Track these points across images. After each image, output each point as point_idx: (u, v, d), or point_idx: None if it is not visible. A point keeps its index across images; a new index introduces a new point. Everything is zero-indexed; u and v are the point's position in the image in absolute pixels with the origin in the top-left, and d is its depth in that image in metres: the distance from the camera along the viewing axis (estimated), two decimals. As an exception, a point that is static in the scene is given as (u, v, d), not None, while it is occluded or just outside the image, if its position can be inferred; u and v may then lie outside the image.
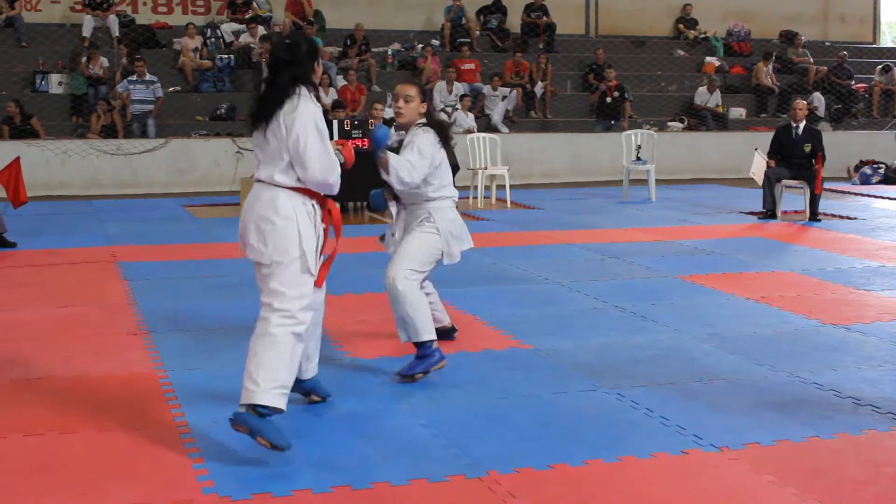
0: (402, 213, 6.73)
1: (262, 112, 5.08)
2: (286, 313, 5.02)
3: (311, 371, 5.72)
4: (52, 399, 5.92)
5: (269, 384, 4.92)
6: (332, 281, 6.35)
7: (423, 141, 6.42)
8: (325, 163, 5.05)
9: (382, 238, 6.92)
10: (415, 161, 6.32)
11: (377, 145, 6.20)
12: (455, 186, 6.83)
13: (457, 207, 6.82)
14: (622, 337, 7.37)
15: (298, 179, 5.08)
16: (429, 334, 6.35)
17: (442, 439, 5.21)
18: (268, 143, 5.10)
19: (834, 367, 6.60)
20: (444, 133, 6.57)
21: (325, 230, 5.33)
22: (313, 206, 5.17)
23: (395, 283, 6.31)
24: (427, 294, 6.71)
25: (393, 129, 7.11)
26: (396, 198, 6.71)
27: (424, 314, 6.38)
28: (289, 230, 5.04)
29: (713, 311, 8.21)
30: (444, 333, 7.07)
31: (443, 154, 6.55)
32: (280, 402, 4.97)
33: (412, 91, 6.53)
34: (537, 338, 7.28)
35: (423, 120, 6.56)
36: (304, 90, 5.10)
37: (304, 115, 5.02)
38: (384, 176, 6.33)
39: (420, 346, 6.35)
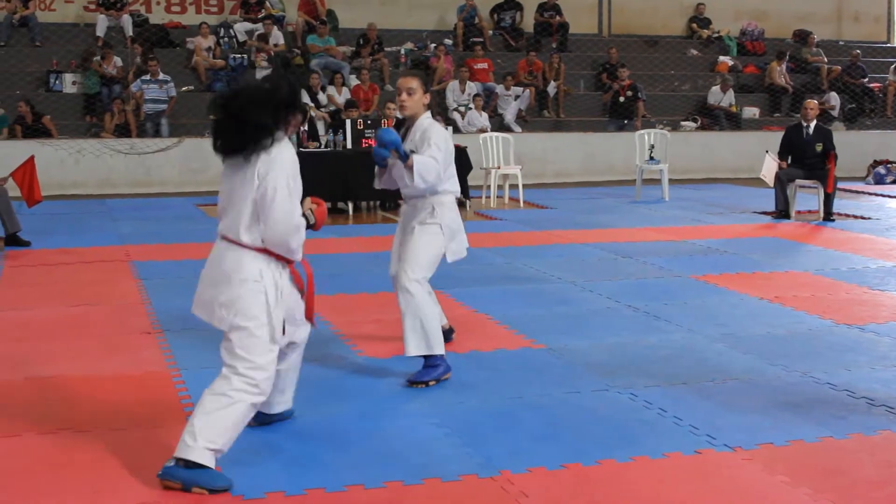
0: (402, 207, 6.62)
1: (241, 147, 4.75)
2: (251, 381, 4.72)
3: (282, 405, 5.42)
4: (65, 397, 5.94)
5: (209, 444, 4.59)
6: (345, 280, 6.37)
7: (438, 135, 6.36)
8: (288, 224, 4.70)
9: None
10: (437, 157, 6.26)
11: (396, 147, 6.16)
12: (467, 187, 6.81)
13: (465, 206, 6.77)
14: (635, 336, 7.36)
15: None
16: (440, 348, 6.22)
17: (455, 439, 5.21)
18: (234, 186, 4.87)
19: (848, 367, 6.58)
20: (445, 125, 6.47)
21: (304, 291, 5.11)
22: (280, 268, 4.85)
23: (408, 290, 6.22)
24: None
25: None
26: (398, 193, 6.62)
27: (437, 324, 6.29)
28: (256, 295, 4.75)
29: (726, 311, 8.19)
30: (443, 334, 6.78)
31: (452, 148, 6.49)
32: (211, 462, 4.60)
33: (414, 83, 6.44)
34: (550, 337, 7.28)
35: (429, 112, 6.50)
36: (281, 134, 4.76)
37: (278, 168, 4.69)
38: (405, 181, 6.28)
39: (430, 356, 6.24)
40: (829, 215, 13.68)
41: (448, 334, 6.97)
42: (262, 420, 5.32)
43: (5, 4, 20.35)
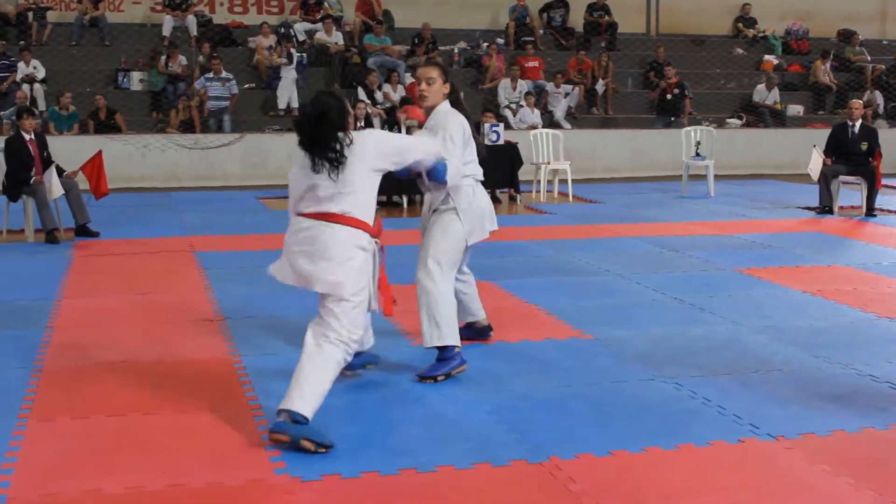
0: (426, 195, 6.45)
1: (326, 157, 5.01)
2: (349, 346, 5.05)
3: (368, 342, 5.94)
4: (133, 382, 6.00)
5: (313, 401, 4.90)
6: (399, 271, 6.39)
7: (452, 126, 6.14)
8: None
9: None
10: (451, 151, 6.04)
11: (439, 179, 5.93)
12: (517, 181, 6.79)
13: (516, 200, 6.72)
14: (680, 328, 7.33)
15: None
16: (454, 339, 6.05)
17: (505, 425, 5.22)
18: (324, 183, 5.05)
19: (889, 359, 6.51)
20: (466, 113, 6.32)
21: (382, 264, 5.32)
22: (375, 242, 5.17)
23: (424, 283, 6.07)
24: (465, 288, 6.59)
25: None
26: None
27: (453, 317, 6.09)
28: (364, 266, 5.05)
29: (770, 304, 8.13)
30: (479, 332, 6.86)
31: (469, 132, 6.28)
32: (311, 414, 4.88)
33: (434, 73, 6.26)
34: (597, 328, 7.26)
35: (447, 102, 6.29)
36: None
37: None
38: (425, 183, 6.12)
39: (443, 349, 6.06)
40: (871, 211, 13.53)
41: (485, 331, 6.89)
42: (357, 363, 5.84)
43: (77, 6, 20.59)
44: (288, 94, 19.31)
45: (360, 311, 5.06)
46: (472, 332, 6.82)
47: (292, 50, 19.62)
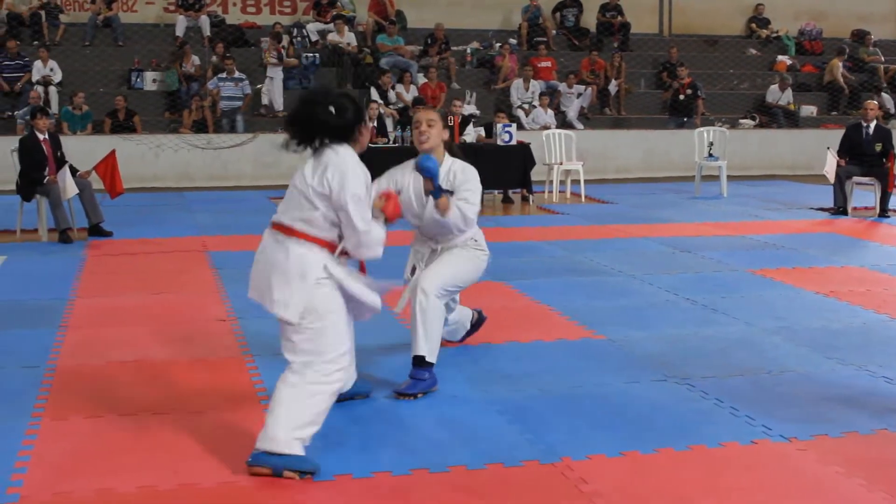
0: (429, 244, 6.21)
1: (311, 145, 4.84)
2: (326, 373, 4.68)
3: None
4: (145, 381, 6.02)
5: (295, 435, 4.56)
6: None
7: (475, 181, 6.01)
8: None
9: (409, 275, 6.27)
10: (466, 210, 5.93)
11: (429, 175, 5.80)
12: (530, 182, 6.80)
13: (528, 200, 6.78)
14: (693, 328, 7.31)
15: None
16: (433, 357, 5.87)
17: (517, 426, 5.21)
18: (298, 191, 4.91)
19: (903, 361, 6.49)
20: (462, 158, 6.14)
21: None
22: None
23: (427, 298, 5.85)
24: (452, 307, 6.42)
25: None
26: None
27: (438, 334, 5.95)
28: (328, 289, 4.70)
29: (783, 305, 8.10)
30: (477, 324, 6.85)
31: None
32: (298, 451, 4.57)
33: (434, 116, 6.04)
34: (610, 328, 7.25)
35: (448, 151, 6.10)
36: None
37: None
38: (438, 217, 5.92)
39: (422, 366, 5.85)
40: (885, 212, 13.48)
41: (477, 325, 6.85)
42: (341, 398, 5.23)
43: (90, 6, 20.65)
44: (270, 95, 19.31)
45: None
46: (475, 327, 6.85)
47: (282, 50, 19.59)
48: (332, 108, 4.73)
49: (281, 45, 19.83)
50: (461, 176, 6.00)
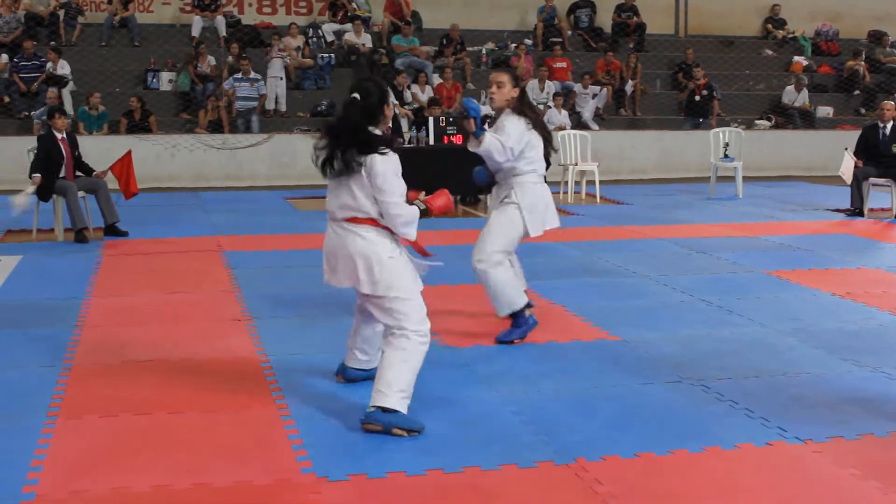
0: (493, 189, 7.08)
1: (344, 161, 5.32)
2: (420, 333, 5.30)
3: (375, 362, 5.73)
4: (160, 380, 6.03)
5: (401, 393, 5.14)
6: (428, 272, 6.37)
7: (511, 123, 6.68)
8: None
9: None
10: (504, 141, 6.61)
11: (473, 114, 6.54)
12: (545, 175, 7.04)
13: (545, 181, 7.01)
14: (708, 330, 7.29)
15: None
16: (518, 304, 6.79)
17: (532, 426, 5.21)
18: (346, 189, 5.41)
19: (919, 363, 6.46)
20: (533, 116, 6.83)
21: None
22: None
23: (477, 266, 6.79)
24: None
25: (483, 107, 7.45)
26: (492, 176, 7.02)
27: (511, 288, 6.79)
28: (400, 264, 5.35)
29: (798, 307, 8.08)
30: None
31: (532, 134, 6.77)
32: (404, 408, 5.14)
33: (503, 77, 6.80)
34: (625, 329, 7.24)
35: (510, 109, 6.77)
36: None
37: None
38: (477, 149, 6.70)
39: (513, 315, 6.79)
40: (901, 213, 13.46)
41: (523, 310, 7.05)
42: (352, 377, 5.92)
43: (107, 6, 20.71)
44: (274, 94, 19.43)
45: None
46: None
47: (291, 51, 19.65)
48: (356, 95, 5.33)
49: (296, 46, 19.91)
50: (500, 125, 6.73)
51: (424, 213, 5.50)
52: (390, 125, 14.90)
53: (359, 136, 5.27)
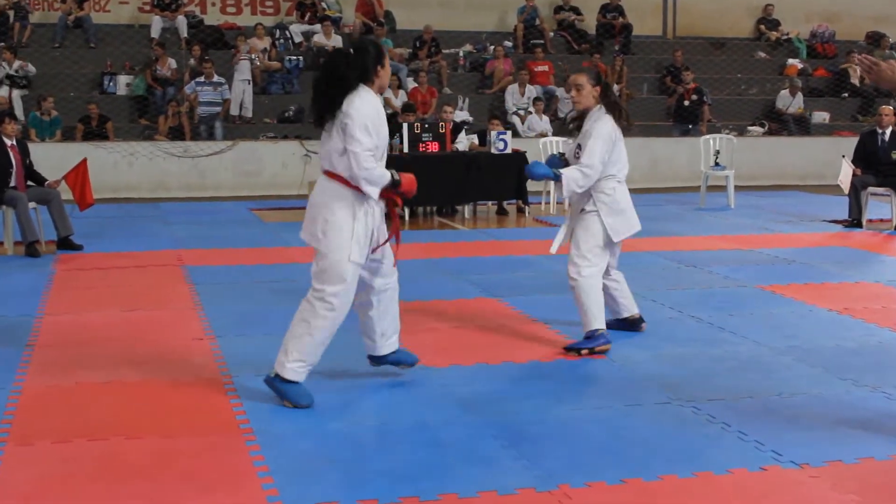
0: (573, 198, 7.41)
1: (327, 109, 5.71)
2: (329, 305, 5.79)
3: (389, 347, 6.31)
4: (117, 404, 6.00)
5: (299, 361, 5.81)
6: (402, 288, 6.39)
7: (599, 129, 7.03)
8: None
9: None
10: (587, 165, 7.01)
11: (548, 177, 7.24)
12: (526, 193, 7.14)
13: (524, 212, 7.18)
14: (699, 348, 7.31)
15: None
16: (599, 323, 7.11)
17: (512, 451, 5.20)
18: (330, 138, 5.74)
19: (921, 382, 6.50)
20: (619, 111, 7.21)
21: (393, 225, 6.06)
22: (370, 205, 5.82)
23: (569, 276, 7.19)
24: (615, 285, 7.57)
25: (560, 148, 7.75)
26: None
27: (595, 303, 7.12)
28: (344, 224, 5.72)
29: (794, 323, 8.11)
30: (632, 325, 7.68)
31: (618, 132, 7.16)
32: (300, 377, 5.82)
33: (581, 79, 7.19)
34: (611, 348, 7.24)
35: (601, 105, 7.16)
36: (365, 88, 5.74)
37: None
38: (564, 195, 7.29)
39: (591, 331, 7.10)
40: (902, 224, 13.53)
41: (638, 323, 7.73)
42: (387, 362, 6.35)
43: (60, 6, 20.66)
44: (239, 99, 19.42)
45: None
46: (626, 324, 7.68)
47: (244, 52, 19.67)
48: (350, 50, 5.76)
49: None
50: (588, 131, 7.09)
51: (394, 185, 5.85)
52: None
53: (343, 85, 5.65)
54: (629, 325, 7.69)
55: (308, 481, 4.76)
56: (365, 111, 5.65)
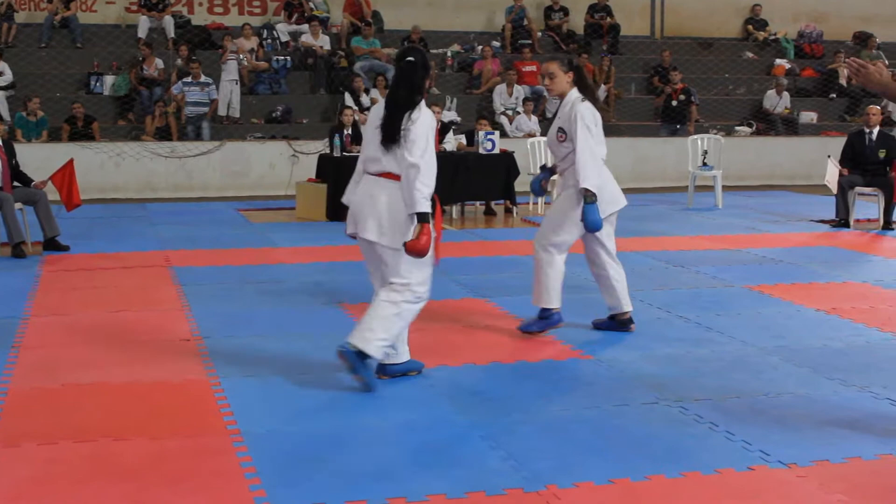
0: (557, 178, 7.73)
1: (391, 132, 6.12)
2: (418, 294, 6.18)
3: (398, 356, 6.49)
4: (104, 405, 5.99)
5: (382, 341, 6.07)
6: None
7: (584, 112, 7.21)
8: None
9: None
10: (589, 147, 7.24)
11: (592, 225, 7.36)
12: (514, 193, 7.23)
13: (512, 212, 7.26)
14: (686, 348, 7.32)
15: None
16: (549, 303, 7.45)
17: (500, 451, 5.20)
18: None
19: (908, 381, 6.52)
20: (593, 97, 7.41)
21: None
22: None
23: (534, 251, 7.51)
24: (615, 274, 7.70)
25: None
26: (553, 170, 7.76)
27: (552, 283, 7.43)
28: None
29: (781, 323, 8.13)
30: (621, 324, 7.75)
31: (599, 116, 7.37)
32: (379, 354, 6.12)
33: (552, 67, 7.38)
34: (598, 348, 7.26)
35: (575, 89, 7.34)
36: (423, 102, 6.23)
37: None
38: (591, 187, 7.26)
39: (544, 310, 7.45)
40: (889, 224, 13.55)
41: (627, 324, 7.77)
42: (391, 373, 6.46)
43: (47, 6, 20.61)
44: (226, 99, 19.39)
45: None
46: (616, 324, 7.78)
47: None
48: (411, 59, 6.26)
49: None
50: (570, 111, 7.28)
51: (429, 217, 6.01)
52: (349, 132, 14.88)
53: (414, 96, 6.18)
54: (619, 325, 7.75)
55: (295, 482, 4.76)
56: (426, 119, 6.22)
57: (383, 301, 6.09)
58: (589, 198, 7.19)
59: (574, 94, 7.34)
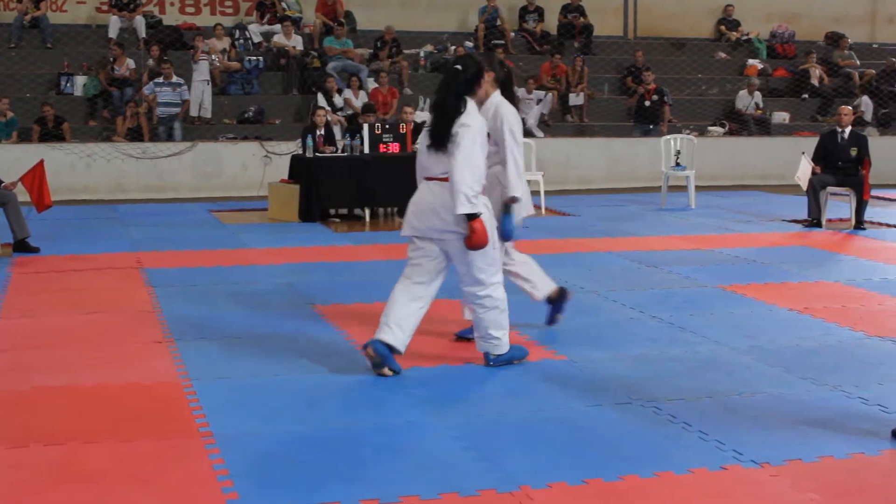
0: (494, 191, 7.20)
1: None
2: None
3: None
4: (74, 408, 5.96)
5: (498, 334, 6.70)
6: (362, 289, 6.39)
7: (507, 111, 6.95)
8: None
9: None
10: (516, 151, 6.91)
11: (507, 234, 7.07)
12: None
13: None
14: (659, 348, 7.34)
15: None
16: (544, 290, 7.70)
17: (473, 452, 5.20)
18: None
19: (880, 381, 6.54)
20: (511, 96, 7.18)
21: None
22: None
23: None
24: (521, 264, 7.61)
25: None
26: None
27: (531, 276, 7.61)
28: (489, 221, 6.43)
29: (754, 323, 8.16)
30: (561, 297, 7.82)
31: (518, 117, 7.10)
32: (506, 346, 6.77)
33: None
34: (572, 349, 7.26)
35: (498, 91, 7.05)
36: (471, 103, 6.40)
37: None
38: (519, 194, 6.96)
39: (547, 299, 7.70)
40: (860, 224, 13.62)
41: (565, 293, 7.85)
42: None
43: (17, 5, 20.49)
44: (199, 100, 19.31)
45: None
46: (558, 300, 7.84)
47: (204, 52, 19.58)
48: (458, 66, 6.45)
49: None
50: (495, 114, 6.92)
51: (473, 218, 6.26)
52: (322, 132, 14.84)
53: (459, 105, 6.29)
54: (560, 300, 7.84)
55: (268, 485, 4.74)
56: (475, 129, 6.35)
57: (480, 317, 6.63)
58: (511, 207, 6.95)
59: (497, 95, 7.03)
